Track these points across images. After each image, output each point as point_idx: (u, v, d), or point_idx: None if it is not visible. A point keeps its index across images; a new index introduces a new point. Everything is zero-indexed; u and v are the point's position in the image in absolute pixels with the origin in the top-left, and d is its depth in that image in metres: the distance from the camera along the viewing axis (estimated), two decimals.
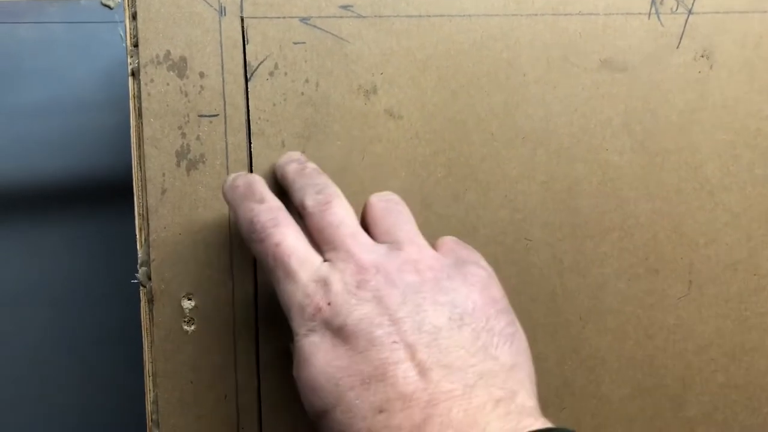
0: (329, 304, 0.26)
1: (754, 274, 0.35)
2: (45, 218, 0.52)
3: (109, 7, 0.52)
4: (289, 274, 0.27)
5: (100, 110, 0.52)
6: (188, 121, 0.33)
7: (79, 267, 0.52)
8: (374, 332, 0.25)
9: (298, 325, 0.27)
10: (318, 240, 0.29)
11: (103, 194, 0.52)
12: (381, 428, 0.24)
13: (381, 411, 0.24)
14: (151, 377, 0.34)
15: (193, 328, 0.34)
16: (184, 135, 0.33)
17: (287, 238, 0.28)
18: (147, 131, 0.33)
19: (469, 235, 0.35)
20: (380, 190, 0.34)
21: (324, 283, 0.27)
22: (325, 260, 0.28)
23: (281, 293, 0.28)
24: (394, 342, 0.25)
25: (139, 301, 0.34)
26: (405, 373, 0.24)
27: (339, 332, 0.26)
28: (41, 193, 0.52)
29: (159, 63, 0.33)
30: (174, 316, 0.33)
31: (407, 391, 0.24)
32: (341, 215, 0.28)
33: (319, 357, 0.26)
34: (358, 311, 0.26)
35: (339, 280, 0.27)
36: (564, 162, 0.34)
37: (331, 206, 0.29)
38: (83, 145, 0.53)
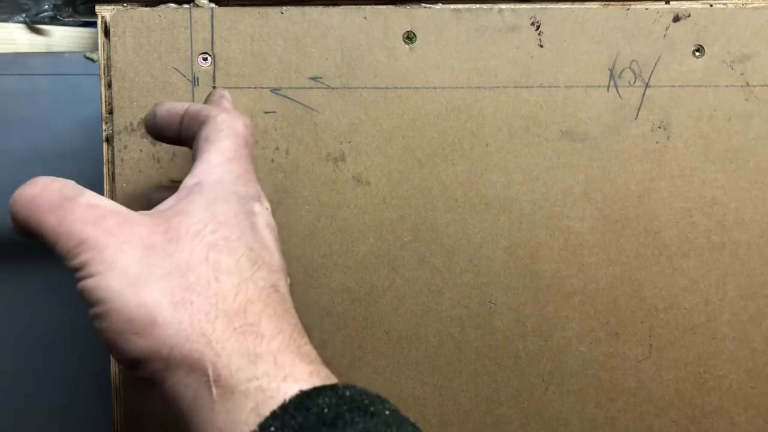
0: None
1: (712, 338, 0.36)
2: (26, 265, 0.52)
3: (92, 60, 0.53)
4: None
5: (81, 160, 0.53)
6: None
7: (59, 315, 0.52)
8: None
9: None
10: None
11: None
12: None
13: None
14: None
15: None
16: None
17: None
18: (120, 196, 0.34)
19: (434, 298, 0.35)
20: (348, 254, 0.35)
21: None
22: None
23: None
24: None
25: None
26: None
27: None
28: (22, 241, 0.53)
29: (133, 130, 0.34)
30: None
31: None
32: None
33: None
34: None
35: None
36: (526, 228, 0.35)
37: None
38: None
